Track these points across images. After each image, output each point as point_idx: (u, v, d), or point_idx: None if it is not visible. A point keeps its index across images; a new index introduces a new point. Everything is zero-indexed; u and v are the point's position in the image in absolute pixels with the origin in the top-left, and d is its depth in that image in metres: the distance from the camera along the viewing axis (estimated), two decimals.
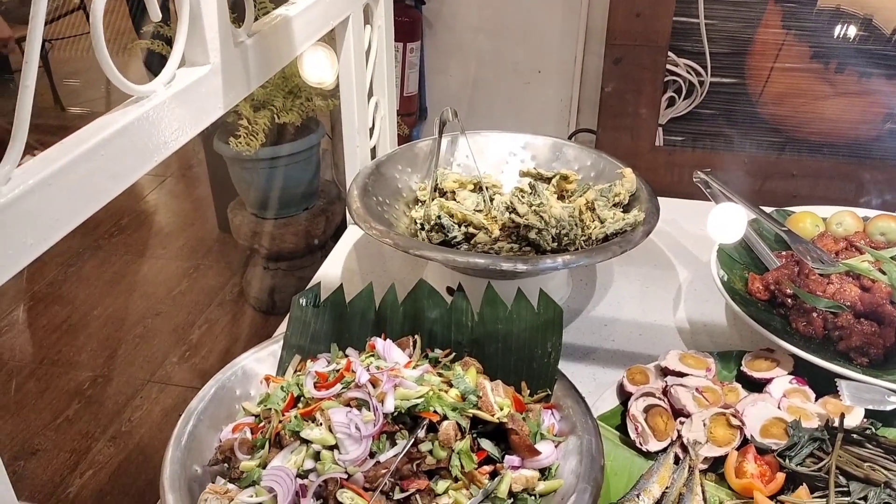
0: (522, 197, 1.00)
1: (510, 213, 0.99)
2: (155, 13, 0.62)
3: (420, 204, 1.10)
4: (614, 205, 1.03)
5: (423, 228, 1.03)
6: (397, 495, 0.66)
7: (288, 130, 2.30)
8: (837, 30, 2.13)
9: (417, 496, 0.67)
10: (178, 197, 3.37)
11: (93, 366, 2.39)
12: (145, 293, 2.70)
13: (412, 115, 2.70)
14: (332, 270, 1.17)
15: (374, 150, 1.28)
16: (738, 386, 0.85)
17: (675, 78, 2.34)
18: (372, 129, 1.27)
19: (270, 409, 0.73)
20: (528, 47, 2.60)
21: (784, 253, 1.03)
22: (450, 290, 0.92)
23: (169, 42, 2.12)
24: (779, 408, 0.80)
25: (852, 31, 2.11)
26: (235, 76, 0.77)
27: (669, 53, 2.30)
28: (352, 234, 1.26)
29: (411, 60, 2.59)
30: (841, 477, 0.71)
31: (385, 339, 0.80)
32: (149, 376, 2.33)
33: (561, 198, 1.05)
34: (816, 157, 2.32)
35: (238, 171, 2.35)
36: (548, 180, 1.06)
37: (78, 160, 0.55)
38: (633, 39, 2.29)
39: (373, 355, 0.78)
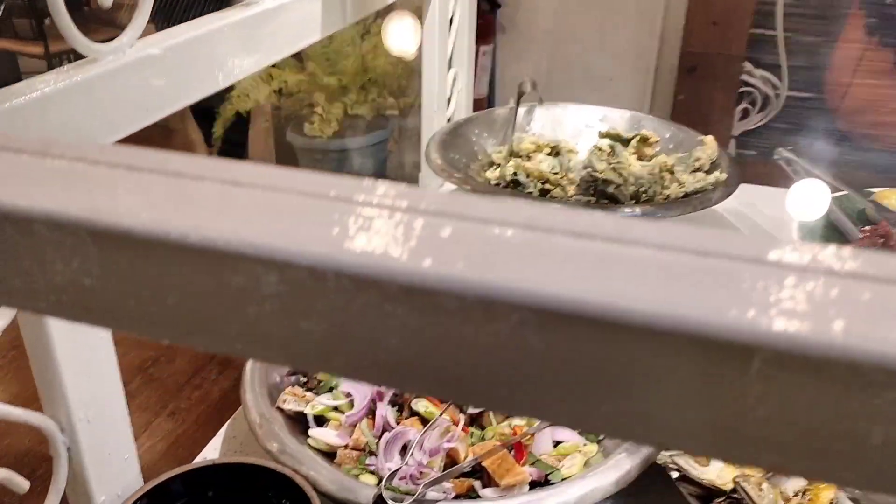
0: (601, 155, 1.00)
1: (588, 170, 0.99)
2: None
3: (495, 166, 1.11)
4: (694, 170, 1.02)
5: (498, 187, 1.04)
6: (470, 409, 0.67)
7: (359, 125, 2.35)
8: None
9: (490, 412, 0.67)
10: None
11: (155, 347, 2.45)
12: None
13: None
14: None
15: (449, 122, 1.30)
16: None
17: (749, 89, 2.31)
18: (449, 101, 1.29)
19: None
20: (601, 54, 2.61)
21: (867, 228, 1.01)
22: None
23: None
24: None
25: None
26: (333, 6, 0.80)
27: (745, 64, 2.28)
28: None
29: (483, 63, 2.62)
30: None
31: None
32: (210, 357, 2.38)
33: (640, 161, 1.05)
34: None
35: (309, 161, 2.41)
36: (627, 142, 1.06)
37: (193, 42, 0.57)
38: (708, 47, 2.28)
39: None
